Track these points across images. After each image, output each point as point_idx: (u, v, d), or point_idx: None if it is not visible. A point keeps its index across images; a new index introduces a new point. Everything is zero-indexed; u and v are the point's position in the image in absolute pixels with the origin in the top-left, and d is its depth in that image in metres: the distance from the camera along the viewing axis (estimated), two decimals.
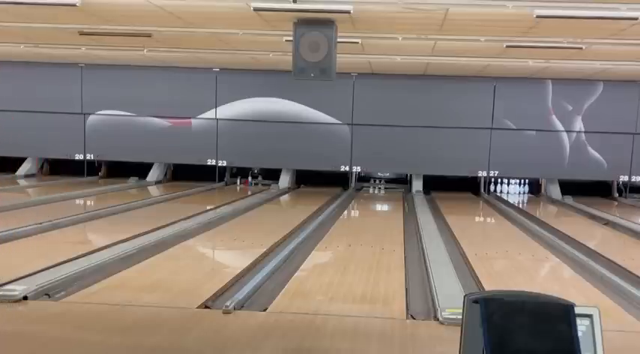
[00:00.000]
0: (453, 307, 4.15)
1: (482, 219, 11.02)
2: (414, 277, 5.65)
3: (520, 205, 11.89)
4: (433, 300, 4.66)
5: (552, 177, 13.07)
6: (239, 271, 5.41)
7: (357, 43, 8.83)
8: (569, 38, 8.07)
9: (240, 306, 4.32)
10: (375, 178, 13.91)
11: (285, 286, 4.95)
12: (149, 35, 8.90)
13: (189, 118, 13.06)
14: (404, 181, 13.48)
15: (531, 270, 6.42)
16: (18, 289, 4.43)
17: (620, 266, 6.20)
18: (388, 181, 13.86)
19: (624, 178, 12.79)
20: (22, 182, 12.76)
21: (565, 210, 11.40)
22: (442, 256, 6.37)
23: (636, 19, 6.55)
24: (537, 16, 6.62)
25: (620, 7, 6.26)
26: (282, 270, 5.68)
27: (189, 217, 8.15)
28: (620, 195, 12.98)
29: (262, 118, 12.83)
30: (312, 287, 5.07)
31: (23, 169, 13.42)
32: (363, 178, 13.74)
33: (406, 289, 5.14)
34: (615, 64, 10.27)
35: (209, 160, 13.00)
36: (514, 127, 12.74)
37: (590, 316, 1.97)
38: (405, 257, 6.39)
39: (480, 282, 5.42)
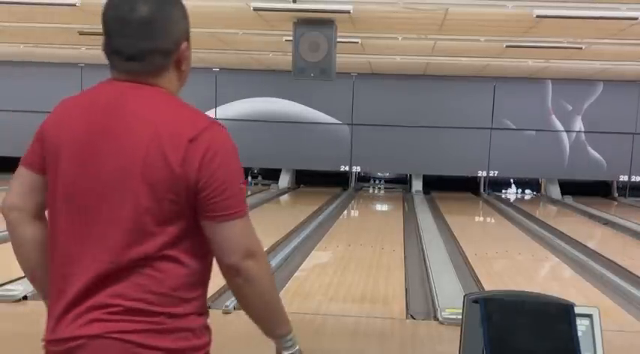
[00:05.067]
0: (453, 307, 4.16)
1: (482, 219, 11.03)
2: (414, 277, 5.65)
3: (520, 205, 11.88)
4: (433, 300, 4.67)
5: (552, 177, 13.06)
6: None
7: (357, 43, 8.82)
8: (569, 38, 8.07)
9: None
10: (374, 178, 13.91)
11: (285, 286, 4.94)
12: None
13: None
14: (404, 181, 13.47)
15: (531, 270, 6.42)
16: (18, 289, 4.44)
17: (620, 266, 6.20)
18: (388, 181, 13.85)
19: (624, 178, 12.78)
20: None
21: (565, 210, 11.40)
22: (442, 256, 6.37)
23: (636, 19, 6.55)
24: (537, 16, 6.62)
25: (620, 7, 6.26)
26: (282, 270, 5.69)
27: None
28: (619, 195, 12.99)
29: (262, 118, 12.82)
30: (312, 287, 5.07)
31: None
32: (363, 178, 13.73)
33: (406, 289, 5.14)
34: (615, 64, 10.27)
35: None
36: (514, 127, 12.73)
37: (590, 316, 1.97)
38: (404, 257, 6.39)
39: (479, 282, 5.42)
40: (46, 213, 1.56)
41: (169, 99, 1.49)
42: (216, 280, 1.70)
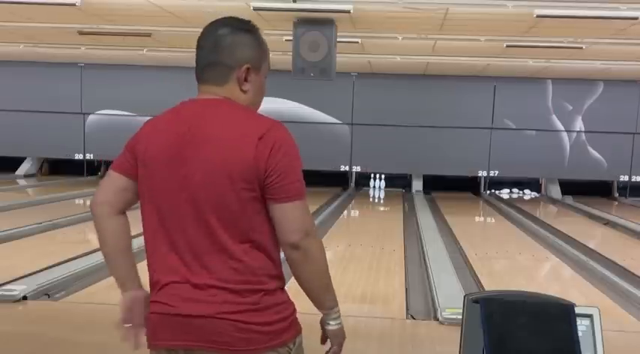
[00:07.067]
0: (453, 307, 4.15)
1: (482, 219, 11.02)
2: (414, 277, 5.65)
3: (520, 205, 11.88)
4: (433, 300, 4.67)
5: (552, 177, 13.06)
6: None
7: (357, 42, 8.82)
8: (569, 38, 8.07)
9: None
10: (374, 178, 13.85)
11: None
12: (149, 35, 8.90)
13: None
14: (404, 181, 13.44)
15: (531, 270, 6.42)
16: (18, 289, 4.43)
17: (620, 266, 6.20)
18: (388, 181, 13.81)
19: (624, 178, 12.77)
20: (22, 182, 12.76)
21: (565, 210, 11.40)
22: (442, 256, 6.37)
23: (636, 18, 6.55)
24: (537, 16, 6.63)
25: (620, 7, 6.26)
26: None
27: None
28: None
29: None
30: None
31: (23, 169, 13.41)
32: (363, 178, 13.69)
33: (406, 288, 5.14)
34: (615, 64, 10.27)
35: None
36: (514, 127, 12.73)
37: (590, 316, 1.97)
38: (405, 257, 6.39)
39: (480, 282, 5.42)
40: (140, 213, 1.80)
41: (236, 106, 1.77)
42: None
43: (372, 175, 13.62)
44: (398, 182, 13.43)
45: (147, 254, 1.80)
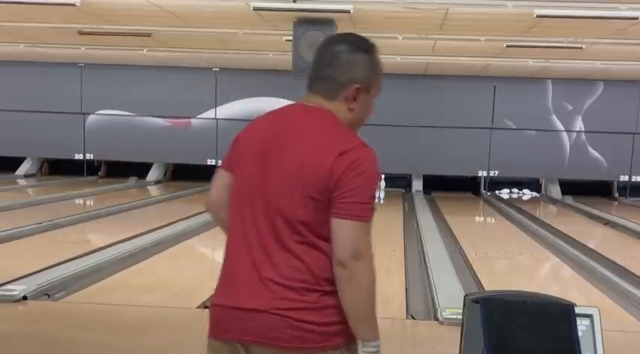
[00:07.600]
0: (453, 307, 4.15)
1: (482, 219, 11.02)
2: (414, 277, 5.65)
3: (520, 205, 11.88)
4: (433, 300, 4.66)
5: (552, 177, 13.06)
6: None
7: None
8: (569, 38, 8.07)
9: None
10: None
11: None
12: (149, 35, 8.90)
13: (189, 118, 13.05)
14: (404, 181, 13.43)
15: (531, 270, 6.42)
16: (18, 289, 4.43)
17: (620, 266, 6.20)
18: (388, 181, 13.80)
19: (624, 178, 12.77)
20: (22, 182, 12.75)
21: (565, 210, 11.40)
22: (442, 256, 6.36)
23: (636, 19, 6.56)
24: (537, 16, 6.63)
25: (620, 7, 6.27)
26: None
27: (189, 217, 8.13)
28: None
29: None
30: None
31: (23, 169, 13.40)
32: None
33: (406, 288, 5.14)
34: (615, 64, 10.27)
35: (209, 160, 12.94)
36: (514, 127, 12.73)
37: (590, 316, 1.97)
38: (405, 257, 6.39)
39: (480, 282, 5.42)
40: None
41: (333, 120, 1.82)
42: (216, 280, 1.72)
43: None
44: (398, 182, 13.41)
45: (227, 244, 1.87)
